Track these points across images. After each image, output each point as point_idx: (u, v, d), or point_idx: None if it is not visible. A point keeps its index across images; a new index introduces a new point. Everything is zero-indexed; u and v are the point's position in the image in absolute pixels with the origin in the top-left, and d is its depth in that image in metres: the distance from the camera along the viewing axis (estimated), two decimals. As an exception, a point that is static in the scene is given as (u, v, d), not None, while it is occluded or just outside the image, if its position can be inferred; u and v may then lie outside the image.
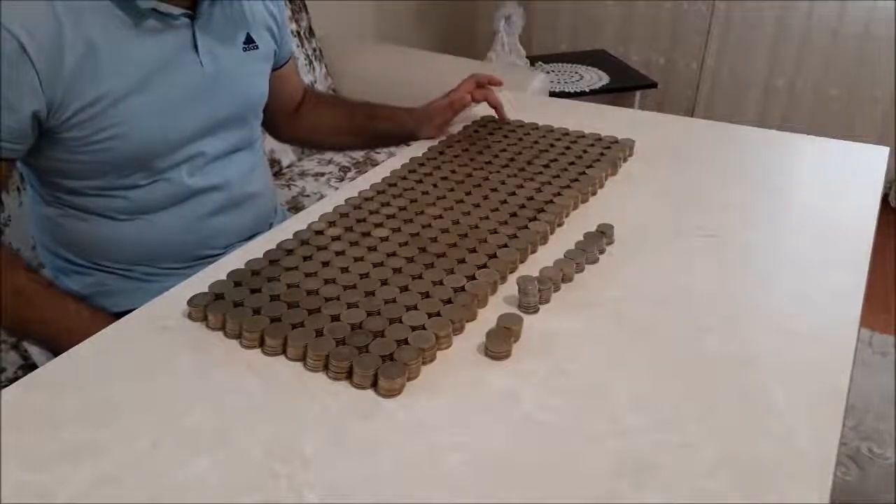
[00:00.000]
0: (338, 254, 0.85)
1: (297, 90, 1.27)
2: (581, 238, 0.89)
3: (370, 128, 1.26)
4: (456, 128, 1.23)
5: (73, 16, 0.85)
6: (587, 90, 2.50)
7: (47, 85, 0.85)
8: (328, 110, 1.30)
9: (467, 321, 0.75)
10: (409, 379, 0.67)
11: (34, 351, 1.14)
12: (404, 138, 1.26)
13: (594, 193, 1.03)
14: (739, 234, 0.95)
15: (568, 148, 1.13)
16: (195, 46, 0.96)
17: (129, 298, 0.98)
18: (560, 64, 2.73)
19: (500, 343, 0.71)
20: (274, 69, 1.14)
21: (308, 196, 1.79)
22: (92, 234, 0.99)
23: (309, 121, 1.28)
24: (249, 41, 1.05)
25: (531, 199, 0.97)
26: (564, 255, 0.86)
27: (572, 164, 1.08)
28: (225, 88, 1.00)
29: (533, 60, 2.72)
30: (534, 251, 0.89)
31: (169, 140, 0.96)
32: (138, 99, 0.91)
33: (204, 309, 0.75)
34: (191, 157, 0.99)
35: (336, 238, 0.88)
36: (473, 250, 0.85)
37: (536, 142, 1.16)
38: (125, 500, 0.55)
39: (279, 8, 1.13)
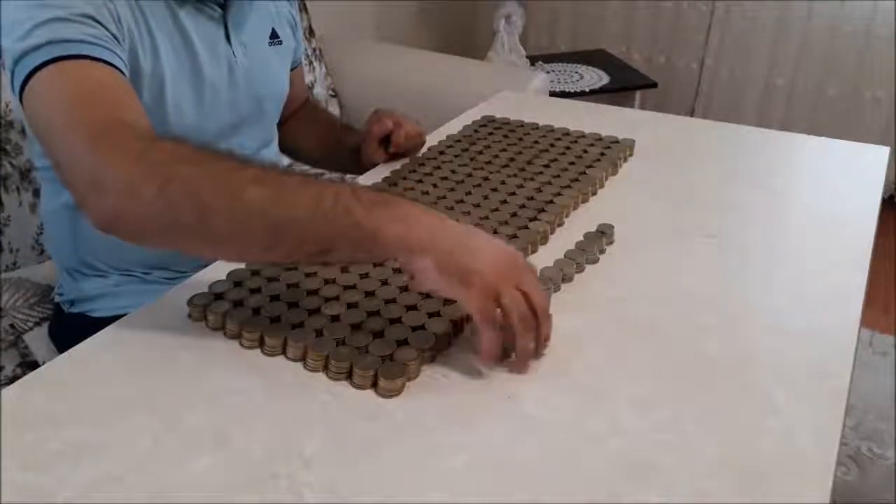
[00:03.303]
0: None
1: (298, 97, 1.25)
2: (581, 238, 0.89)
3: (338, 149, 1.21)
4: (456, 127, 1.22)
5: None
6: (587, 90, 2.50)
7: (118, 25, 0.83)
8: (311, 126, 1.26)
9: (467, 321, 0.75)
10: (409, 379, 0.67)
11: (35, 348, 1.13)
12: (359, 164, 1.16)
13: (594, 193, 1.03)
14: (739, 234, 0.95)
15: (568, 148, 1.13)
16: (228, 38, 0.96)
17: (144, 300, 0.96)
18: (560, 64, 2.73)
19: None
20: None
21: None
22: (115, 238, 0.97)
23: (293, 132, 1.25)
24: (274, 36, 1.05)
25: (531, 199, 0.97)
26: (564, 255, 0.86)
27: (572, 164, 1.08)
28: (255, 82, 1.00)
29: (533, 60, 2.72)
30: (534, 251, 0.89)
31: (204, 132, 0.95)
32: (179, 82, 0.91)
33: (204, 309, 0.75)
34: None
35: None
36: (473, 250, 0.85)
37: (536, 142, 1.16)
38: (125, 500, 0.55)
39: (295, 8, 1.13)
